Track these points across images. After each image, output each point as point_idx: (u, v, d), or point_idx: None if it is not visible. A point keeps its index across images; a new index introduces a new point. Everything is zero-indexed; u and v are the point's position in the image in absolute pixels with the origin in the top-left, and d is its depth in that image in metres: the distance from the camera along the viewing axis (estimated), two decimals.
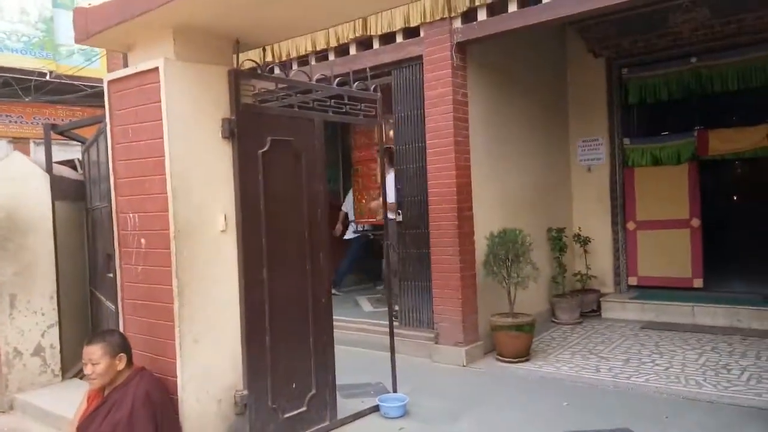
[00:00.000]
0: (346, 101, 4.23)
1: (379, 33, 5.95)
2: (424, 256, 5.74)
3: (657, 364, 5.20)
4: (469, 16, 5.45)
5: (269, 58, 6.54)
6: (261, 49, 4.34)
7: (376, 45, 6.08)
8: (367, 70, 4.93)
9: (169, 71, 3.23)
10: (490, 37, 5.41)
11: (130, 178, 3.48)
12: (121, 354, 3.13)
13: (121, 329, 3.56)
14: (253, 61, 3.66)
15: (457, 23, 5.47)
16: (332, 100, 4.12)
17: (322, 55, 6.56)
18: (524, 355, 5.49)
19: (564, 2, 4.87)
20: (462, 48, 5.55)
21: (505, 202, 6.29)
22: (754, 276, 7.60)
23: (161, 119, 3.22)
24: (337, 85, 4.21)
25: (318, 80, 4.08)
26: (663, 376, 4.88)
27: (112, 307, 4.10)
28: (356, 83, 4.34)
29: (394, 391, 4.53)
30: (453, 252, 5.46)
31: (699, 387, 4.56)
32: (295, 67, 6.56)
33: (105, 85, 3.61)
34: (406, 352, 5.58)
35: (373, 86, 4.53)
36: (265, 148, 3.63)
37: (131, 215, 3.49)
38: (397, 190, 6.04)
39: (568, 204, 7.84)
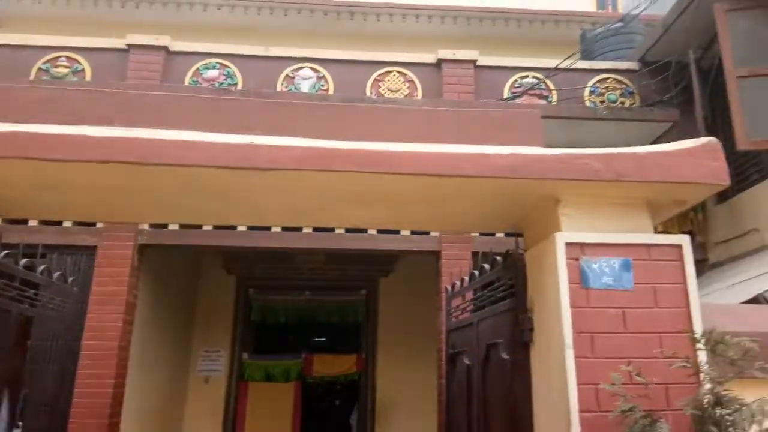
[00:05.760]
0: (38, 290, 3.56)
1: None
2: None
3: None
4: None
5: None
6: None
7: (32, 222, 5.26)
8: (20, 247, 4.09)
9: None
10: (175, 246, 5.45)
11: None
12: None
13: None
14: None
15: (144, 224, 5.35)
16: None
17: None
18: None
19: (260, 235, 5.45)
20: (142, 250, 5.37)
21: (143, 417, 5.77)
22: None
23: None
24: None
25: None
26: None
27: None
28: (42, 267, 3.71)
29: None
30: None
31: None
32: None
33: None
34: None
35: (64, 274, 3.94)
36: None
37: None
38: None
39: (182, 417, 7.56)
